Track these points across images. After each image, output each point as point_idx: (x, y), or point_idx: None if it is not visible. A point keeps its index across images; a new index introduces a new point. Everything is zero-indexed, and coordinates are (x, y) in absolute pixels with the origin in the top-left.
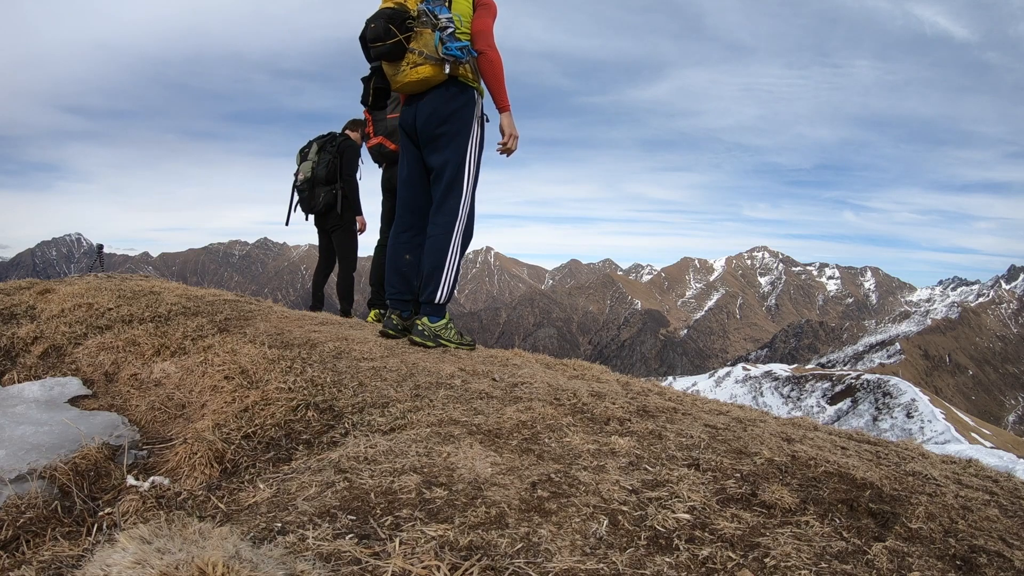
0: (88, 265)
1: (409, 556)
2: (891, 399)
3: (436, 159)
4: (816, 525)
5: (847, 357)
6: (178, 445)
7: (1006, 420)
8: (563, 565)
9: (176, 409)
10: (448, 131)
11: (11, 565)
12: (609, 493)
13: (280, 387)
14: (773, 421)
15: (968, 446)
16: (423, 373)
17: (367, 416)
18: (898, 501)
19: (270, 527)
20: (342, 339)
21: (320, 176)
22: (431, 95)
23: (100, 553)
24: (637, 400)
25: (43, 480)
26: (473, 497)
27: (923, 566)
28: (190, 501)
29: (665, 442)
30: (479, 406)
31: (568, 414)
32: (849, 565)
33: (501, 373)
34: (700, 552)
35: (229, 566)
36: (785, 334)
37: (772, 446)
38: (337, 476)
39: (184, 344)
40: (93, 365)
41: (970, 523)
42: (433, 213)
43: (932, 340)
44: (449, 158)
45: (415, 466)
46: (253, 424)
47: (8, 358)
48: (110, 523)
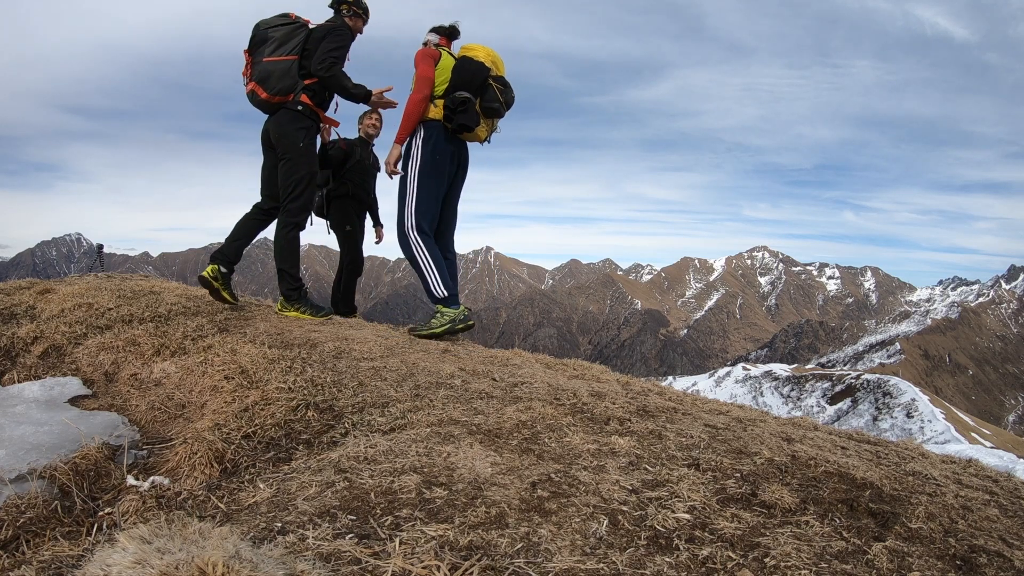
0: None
1: (409, 556)
2: (891, 399)
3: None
4: (816, 525)
5: (847, 357)
6: (178, 445)
7: (1006, 420)
8: (563, 565)
9: (176, 409)
10: None
11: (11, 565)
12: (609, 493)
13: (280, 387)
14: (773, 421)
15: (968, 446)
16: (423, 373)
17: (367, 416)
18: (898, 501)
19: (270, 527)
20: (342, 339)
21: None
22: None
23: (100, 553)
24: (637, 400)
25: (43, 480)
26: (473, 497)
27: (923, 566)
28: (190, 501)
29: (665, 442)
30: (479, 406)
31: (568, 414)
32: (849, 565)
33: (501, 373)
34: (700, 552)
35: (229, 566)
36: (785, 334)
37: (772, 446)
38: (337, 476)
39: (184, 344)
40: (93, 365)
41: (970, 523)
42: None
43: (932, 340)
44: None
45: (415, 466)
46: (253, 424)
47: (8, 358)
48: (110, 523)
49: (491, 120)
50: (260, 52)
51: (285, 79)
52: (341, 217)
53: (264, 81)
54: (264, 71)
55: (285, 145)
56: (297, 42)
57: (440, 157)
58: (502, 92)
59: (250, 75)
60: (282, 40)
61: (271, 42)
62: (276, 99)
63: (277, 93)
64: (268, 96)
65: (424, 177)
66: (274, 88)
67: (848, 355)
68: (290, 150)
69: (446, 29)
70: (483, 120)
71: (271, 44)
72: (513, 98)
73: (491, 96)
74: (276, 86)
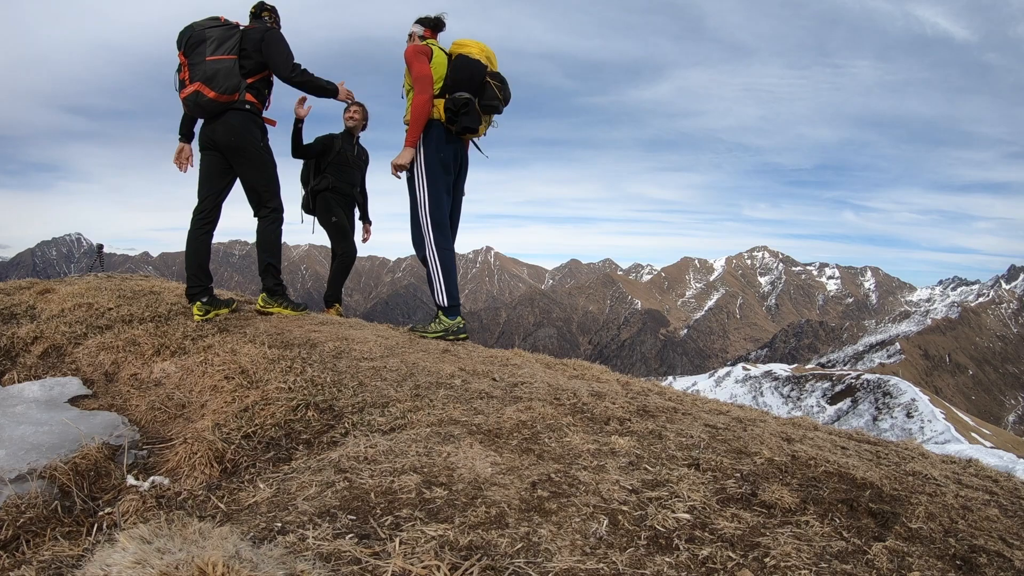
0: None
1: (409, 556)
2: (891, 399)
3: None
4: (816, 525)
5: (847, 357)
6: (178, 445)
7: (1006, 420)
8: (563, 565)
9: (176, 409)
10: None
11: (11, 565)
12: (609, 493)
13: (280, 387)
14: (773, 421)
15: (968, 446)
16: (423, 373)
17: (367, 416)
18: (898, 501)
19: (270, 527)
20: (342, 339)
21: (303, 177)
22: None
23: (100, 553)
24: (637, 400)
25: (43, 480)
26: (473, 497)
27: (923, 566)
28: (190, 501)
29: (665, 442)
30: (479, 406)
31: (568, 414)
32: (849, 565)
33: (501, 373)
34: (700, 552)
35: (229, 566)
36: (785, 334)
37: (772, 446)
38: (337, 476)
39: (184, 344)
40: (93, 365)
41: (970, 523)
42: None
43: (932, 340)
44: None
45: (415, 466)
46: (253, 424)
47: (8, 358)
48: (110, 523)
49: (489, 116)
50: (199, 52)
51: (231, 78)
52: (326, 210)
53: (211, 80)
54: (209, 70)
55: (245, 146)
56: (234, 43)
57: (444, 155)
58: (500, 89)
59: (190, 76)
60: (220, 40)
61: (210, 42)
62: (223, 98)
63: (224, 92)
64: (216, 95)
65: (432, 176)
66: (221, 87)
67: (848, 355)
68: (252, 150)
69: (431, 21)
70: (482, 118)
71: (211, 44)
72: (510, 94)
73: (490, 94)
74: (223, 85)
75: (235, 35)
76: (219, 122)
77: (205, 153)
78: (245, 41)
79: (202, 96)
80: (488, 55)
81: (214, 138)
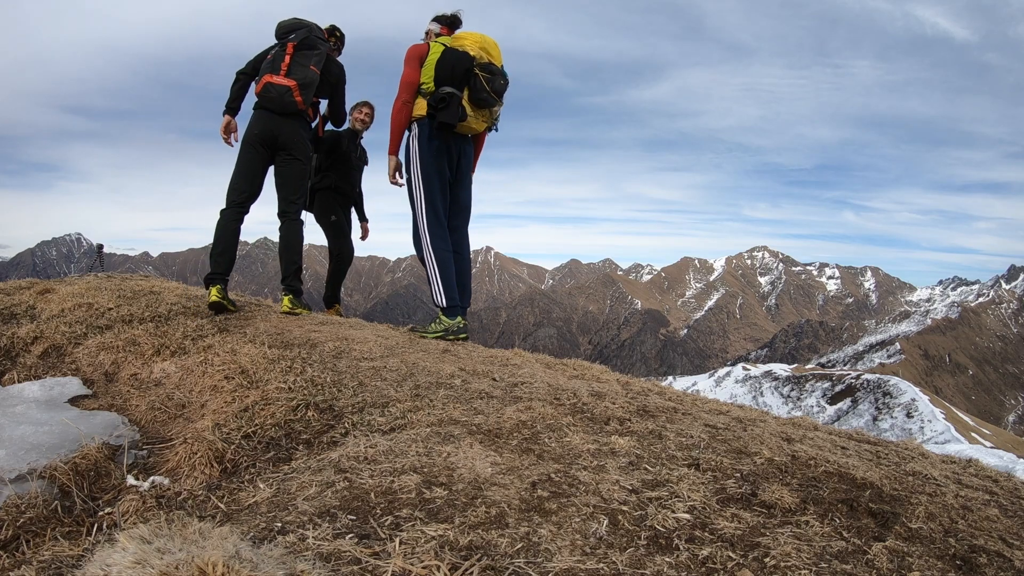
0: (88, 265)
1: (409, 556)
2: (891, 399)
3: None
4: (816, 525)
5: (847, 357)
6: (178, 445)
7: (1006, 420)
8: (563, 565)
9: (176, 409)
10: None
11: (11, 565)
12: (609, 493)
13: (280, 387)
14: (773, 421)
15: (968, 446)
16: (423, 373)
17: (367, 416)
18: (898, 501)
19: (270, 527)
20: (342, 339)
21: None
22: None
23: (100, 553)
24: (637, 400)
25: (43, 480)
26: (473, 497)
27: (923, 566)
28: (190, 501)
29: (665, 442)
30: (479, 406)
31: (568, 414)
32: (849, 565)
33: (501, 373)
34: (700, 552)
35: (229, 566)
36: (785, 334)
37: (772, 446)
38: (337, 476)
39: (184, 344)
40: (93, 365)
41: (970, 523)
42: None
43: (932, 340)
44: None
45: (415, 466)
46: (253, 424)
47: (8, 358)
48: (110, 523)
49: (485, 110)
50: (307, 56)
51: (313, 91)
52: (325, 208)
53: (305, 88)
54: (308, 78)
55: (300, 150)
56: (320, 59)
57: (436, 153)
58: (488, 81)
59: (288, 71)
60: (322, 56)
61: (318, 53)
62: (303, 107)
63: (307, 102)
64: (302, 102)
65: (426, 176)
66: (308, 98)
67: (848, 355)
68: (303, 155)
69: (447, 18)
70: (475, 111)
71: (316, 55)
72: (503, 85)
73: (478, 86)
74: (309, 96)
75: (324, 52)
76: (287, 123)
77: (253, 148)
78: (328, 63)
79: (290, 96)
80: (484, 46)
81: (277, 134)
